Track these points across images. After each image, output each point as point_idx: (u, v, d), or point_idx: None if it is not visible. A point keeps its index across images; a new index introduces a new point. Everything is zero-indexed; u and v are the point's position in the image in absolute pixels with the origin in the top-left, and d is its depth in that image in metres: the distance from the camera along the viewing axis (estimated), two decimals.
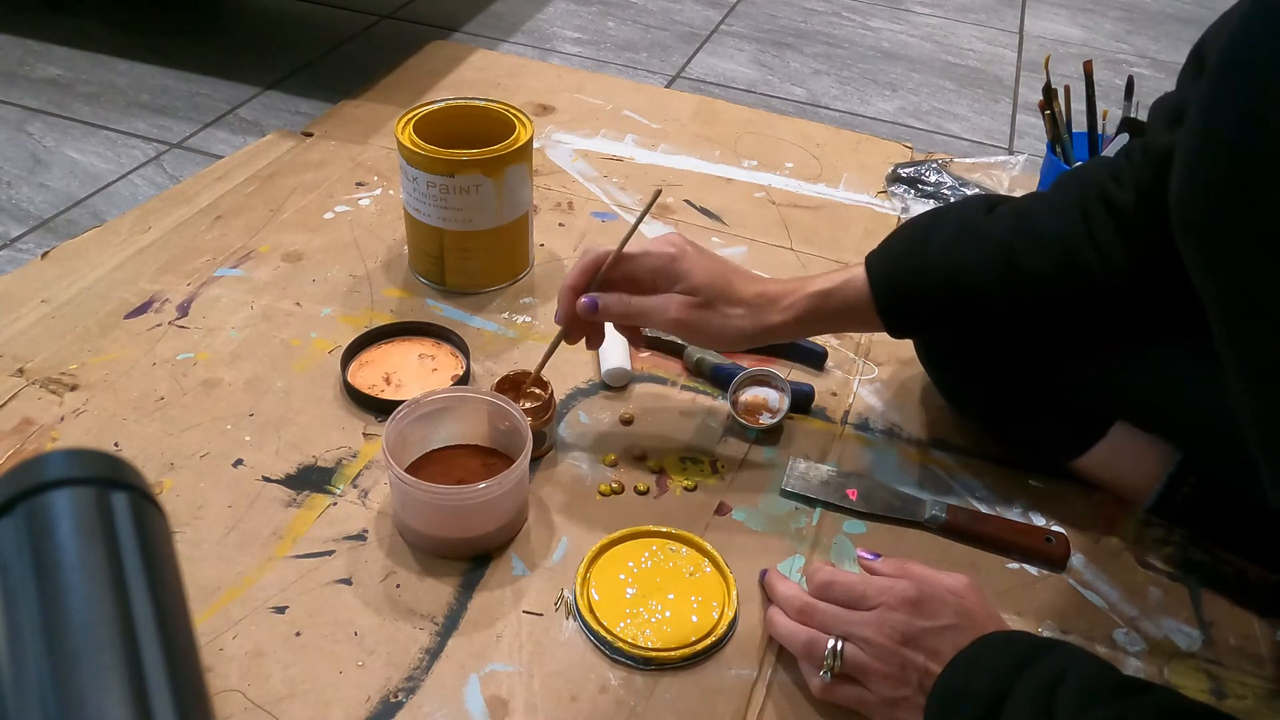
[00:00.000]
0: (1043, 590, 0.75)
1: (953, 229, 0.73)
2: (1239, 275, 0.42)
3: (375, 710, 0.63)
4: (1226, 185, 0.42)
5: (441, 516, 0.71)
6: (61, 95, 1.30)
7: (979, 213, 0.73)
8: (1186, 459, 0.76)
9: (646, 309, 0.74)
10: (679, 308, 0.73)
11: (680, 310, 0.73)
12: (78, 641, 0.27)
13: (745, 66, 1.53)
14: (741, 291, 0.74)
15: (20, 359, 0.86)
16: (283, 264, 1.00)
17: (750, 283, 0.75)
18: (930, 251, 0.72)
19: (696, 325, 0.74)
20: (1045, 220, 0.71)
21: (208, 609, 0.68)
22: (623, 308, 0.75)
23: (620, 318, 0.76)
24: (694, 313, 0.73)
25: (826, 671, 0.63)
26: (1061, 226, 0.70)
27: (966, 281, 0.71)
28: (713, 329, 0.74)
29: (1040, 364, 0.78)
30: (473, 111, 0.97)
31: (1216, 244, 0.43)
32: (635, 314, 0.75)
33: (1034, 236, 0.70)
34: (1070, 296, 0.71)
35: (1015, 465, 0.84)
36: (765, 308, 0.74)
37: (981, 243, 0.71)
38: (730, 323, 0.74)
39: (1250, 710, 0.68)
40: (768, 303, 0.75)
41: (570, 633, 0.69)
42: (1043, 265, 0.70)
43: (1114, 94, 1.05)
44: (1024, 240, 0.70)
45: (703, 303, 0.73)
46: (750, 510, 0.79)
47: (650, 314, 0.74)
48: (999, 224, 0.72)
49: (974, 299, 0.72)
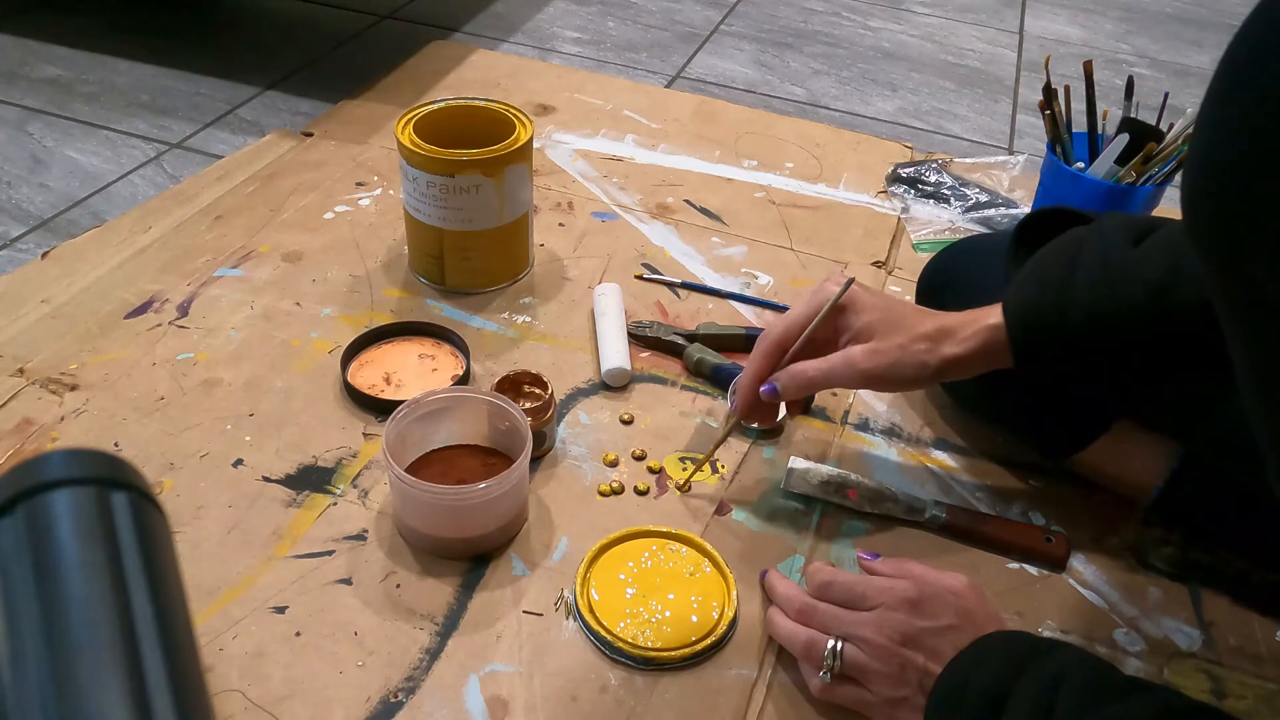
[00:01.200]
0: (1043, 590, 0.75)
1: (1097, 266, 0.67)
2: (1247, 274, 0.42)
3: (375, 710, 0.63)
4: (1235, 182, 0.42)
5: (441, 516, 0.71)
6: (61, 95, 1.30)
7: (1126, 245, 0.68)
8: (1189, 456, 0.76)
9: (829, 370, 0.70)
10: (864, 357, 0.69)
11: (865, 359, 0.69)
12: (78, 641, 0.27)
13: (745, 66, 1.53)
14: (917, 325, 0.70)
15: (20, 359, 0.86)
16: (283, 264, 1.00)
17: (925, 317, 0.71)
18: (1074, 291, 0.67)
19: (884, 373, 0.69)
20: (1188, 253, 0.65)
21: (208, 609, 0.68)
22: (802, 381, 0.71)
23: (801, 390, 0.72)
24: (876, 360, 0.69)
25: (826, 672, 0.63)
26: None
27: (1114, 328, 0.66)
28: (900, 373, 0.69)
29: None
30: (473, 111, 0.97)
31: (1225, 243, 0.43)
32: (819, 380, 0.71)
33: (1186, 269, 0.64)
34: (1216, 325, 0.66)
35: (1015, 465, 0.84)
36: (943, 340, 0.70)
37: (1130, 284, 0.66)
38: (913, 358, 0.69)
39: (1250, 710, 0.68)
40: (946, 335, 0.70)
41: (570, 633, 0.69)
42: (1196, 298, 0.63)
43: (1114, 94, 1.05)
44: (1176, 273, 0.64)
45: (881, 346, 0.69)
46: (750, 510, 0.79)
47: (835, 374, 0.70)
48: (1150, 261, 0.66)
49: (1122, 344, 0.66)
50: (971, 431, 0.87)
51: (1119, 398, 0.78)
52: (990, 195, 1.21)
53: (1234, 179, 0.42)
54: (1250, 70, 0.41)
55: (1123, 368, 0.68)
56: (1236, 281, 0.44)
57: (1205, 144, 0.43)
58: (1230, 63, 0.42)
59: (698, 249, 1.07)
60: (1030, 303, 0.69)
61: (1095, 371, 0.69)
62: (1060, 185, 1.00)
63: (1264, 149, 0.40)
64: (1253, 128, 0.40)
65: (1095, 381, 0.74)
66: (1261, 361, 0.44)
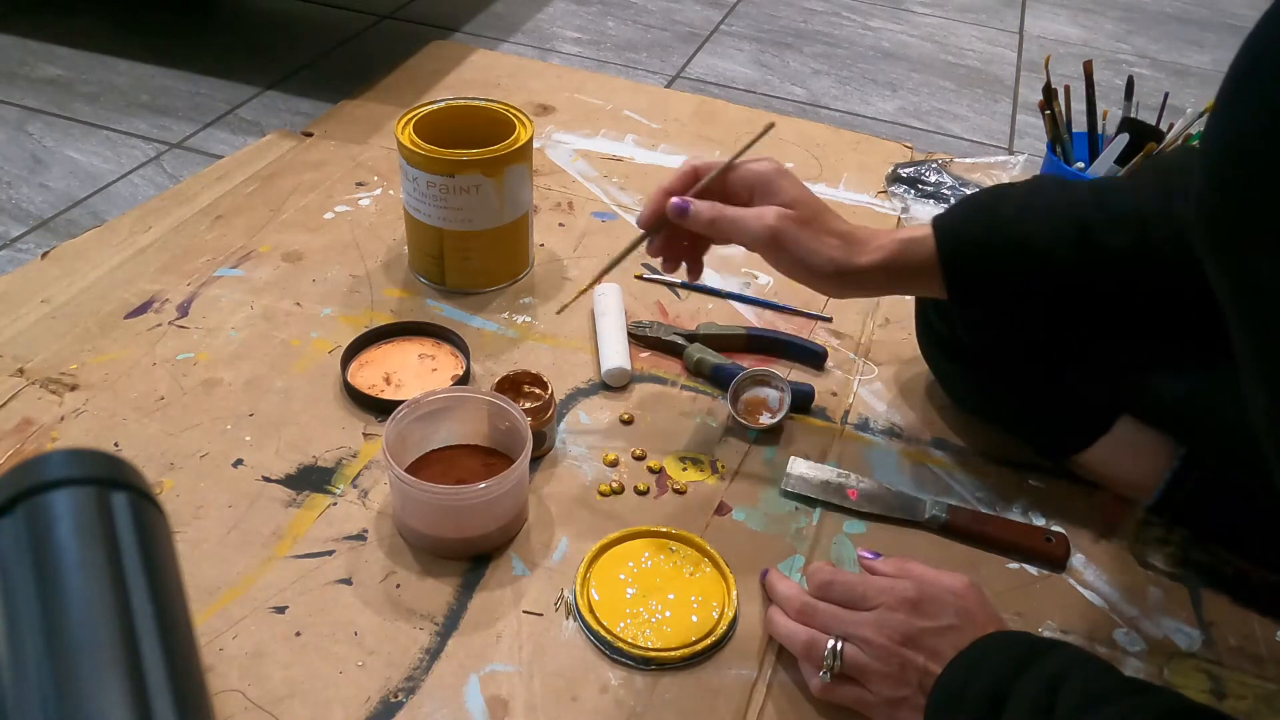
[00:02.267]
0: (1043, 590, 0.75)
1: (1024, 196, 0.70)
2: (1257, 275, 0.42)
3: (375, 710, 0.63)
4: (1246, 183, 0.42)
5: (441, 516, 0.71)
6: (61, 95, 1.30)
7: (1054, 185, 0.71)
8: (1190, 456, 0.76)
9: (740, 216, 0.70)
10: (776, 216, 0.69)
11: (778, 219, 0.69)
12: (78, 641, 0.27)
13: (745, 66, 1.53)
14: (836, 223, 0.71)
15: (20, 359, 0.86)
16: (283, 264, 1.00)
17: (842, 220, 0.72)
18: (1000, 215, 0.70)
19: (792, 241, 0.69)
20: (1124, 195, 0.68)
21: (208, 609, 0.68)
22: (714, 213, 0.70)
23: (710, 224, 0.71)
24: (791, 226, 0.69)
25: (826, 672, 0.63)
26: (1140, 202, 0.67)
27: (1036, 247, 0.68)
28: (806, 249, 0.69)
29: (1044, 357, 0.78)
30: (473, 111, 0.97)
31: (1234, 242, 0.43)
32: (727, 220, 0.70)
33: (1110, 209, 0.67)
34: (1141, 273, 0.67)
35: (1015, 465, 0.84)
36: (857, 245, 0.70)
37: (1054, 211, 0.68)
38: (824, 249, 0.69)
39: (1250, 710, 0.68)
40: (860, 242, 0.71)
41: (570, 633, 0.69)
42: (1117, 239, 0.66)
43: (1114, 94, 1.05)
44: (1099, 212, 0.67)
45: (800, 218, 0.69)
46: (750, 510, 0.79)
47: (744, 220, 0.70)
48: (1074, 195, 0.69)
49: (1043, 267, 0.68)
50: (971, 431, 0.87)
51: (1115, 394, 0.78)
52: None
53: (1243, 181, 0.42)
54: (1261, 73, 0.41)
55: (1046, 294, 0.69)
56: (1244, 282, 0.43)
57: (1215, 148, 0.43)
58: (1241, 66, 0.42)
59: None
60: (959, 219, 0.70)
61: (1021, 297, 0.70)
62: None
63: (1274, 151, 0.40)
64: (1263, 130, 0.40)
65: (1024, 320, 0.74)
66: (1268, 362, 0.44)
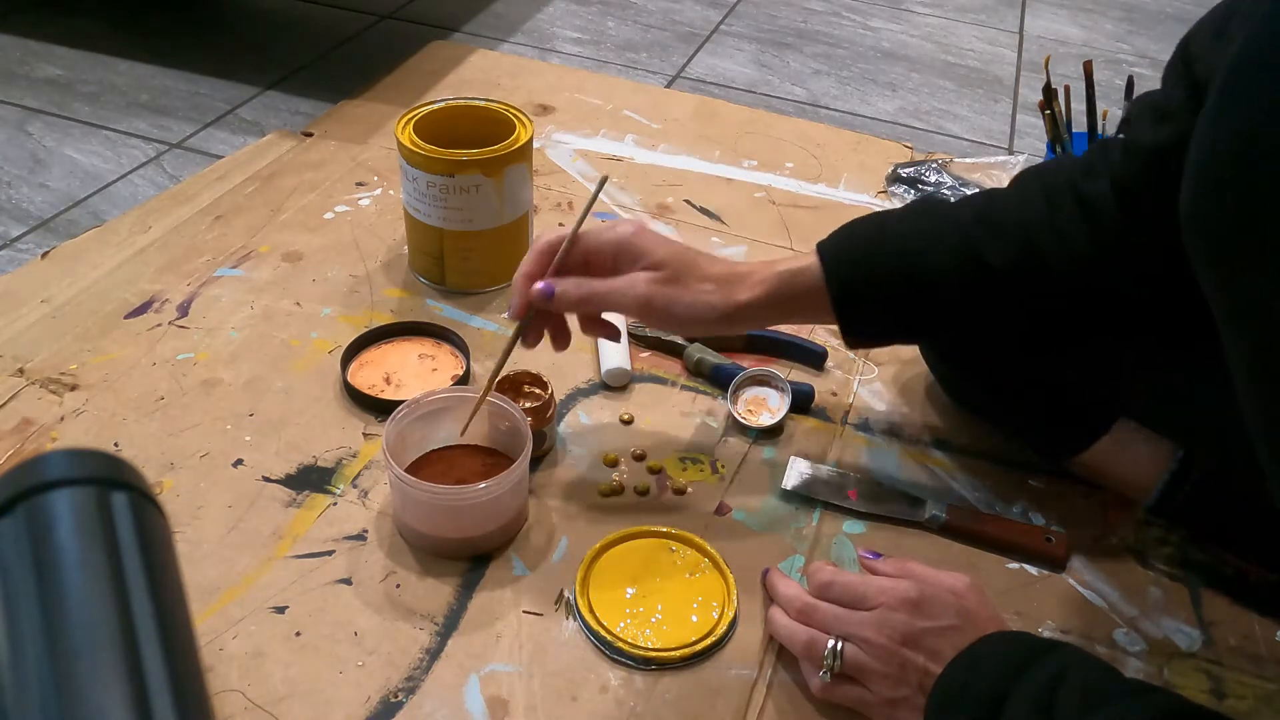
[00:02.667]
0: (1043, 590, 0.75)
1: (912, 214, 0.71)
2: (1247, 281, 0.42)
3: (375, 710, 0.63)
4: (1236, 190, 0.42)
5: (441, 516, 0.71)
6: (61, 95, 1.30)
7: (940, 202, 0.72)
8: (1189, 457, 0.76)
9: (611, 289, 0.68)
10: (646, 283, 0.68)
11: (648, 286, 0.68)
12: (78, 641, 0.27)
13: (745, 66, 1.53)
14: (708, 268, 0.70)
15: (20, 359, 0.86)
16: (283, 264, 1.00)
17: (716, 261, 0.71)
18: (887, 233, 0.70)
19: (666, 303, 0.68)
20: (1008, 208, 0.69)
21: (208, 609, 0.68)
22: (583, 291, 0.69)
23: (580, 303, 0.69)
24: (662, 289, 0.68)
25: (826, 672, 0.63)
26: (1024, 214, 0.68)
27: (925, 265, 0.68)
28: (682, 305, 0.68)
29: (1044, 359, 0.78)
30: (473, 111, 0.97)
31: (1225, 249, 0.43)
32: (598, 296, 0.69)
33: (995, 223, 0.68)
34: (1030, 287, 0.68)
35: (1015, 465, 0.84)
36: (735, 284, 0.69)
37: (941, 227, 0.69)
38: (700, 298, 0.68)
39: (1250, 710, 0.68)
40: (737, 280, 0.70)
41: (570, 633, 0.69)
42: (1004, 250, 0.67)
43: (1114, 94, 1.05)
44: (985, 227, 0.68)
45: (669, 277, 0.68)
46: (750, 510, 0.79)
47: (614, 294, 0.68)
48: (960, 211, 0.70)
49: (932, 284, 0.68)
50: (971, 431, 0.87)
51: (1114, 394, 0.78)
52: None
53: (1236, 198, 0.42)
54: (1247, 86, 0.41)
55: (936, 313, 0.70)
56: (1237, 294, 0.44)
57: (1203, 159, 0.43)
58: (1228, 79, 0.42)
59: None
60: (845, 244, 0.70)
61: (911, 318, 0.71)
62: None
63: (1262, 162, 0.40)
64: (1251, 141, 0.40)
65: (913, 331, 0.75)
66: (1262, 373, 0.44)
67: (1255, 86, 0.41)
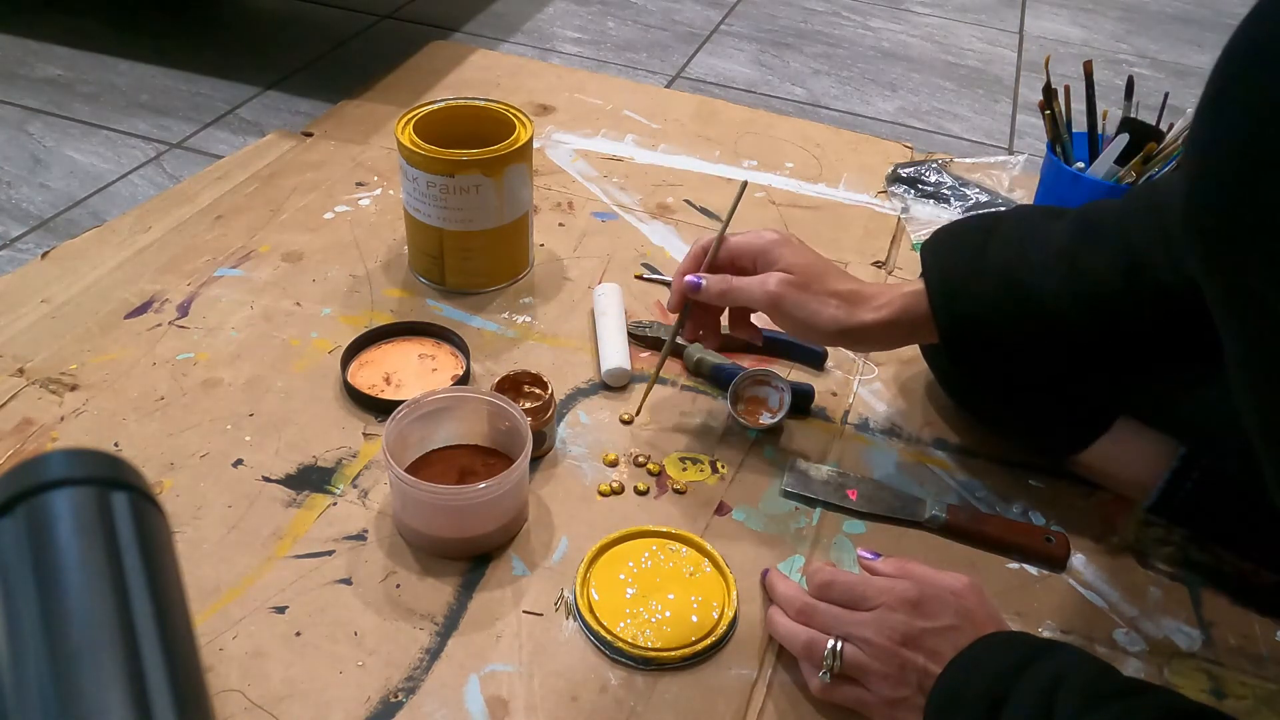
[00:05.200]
0: (1043, 590, 0.75)
1: (1012, 233, 0.71)
2: (1245, 279, 0.42)
3: (375, 710, 0.63)
4: (1233, 186, 0.41)
5: (441, 516, 0.71)
6: (61, 95, 1.30)
7: (1041, 217, 0.71)
8: (1189, 456, 0.76)
9: (747, 285, 0.75)
10: (777, 282, 0.73)
11: (779, 285, 0.73)
12: (78, 641, 0.27)
13: (745, 66, 1.53)
14: (837, 283, 0.74)
15: (20, 359, 0.86)
16: (283, 264, 1.00)
17: (847, 279, 0.75)
18: (988, 256, 0.70)
19: (793, 304, 0.73)
20: (1113, 223, 0.68)
21: (208, 609, 0.68)
22: (724, 285, 0.76)
23: (721, 295, 0.76)
24: (791, 290, 0.73)
25: (826, 672, 0.63)
26: (1130, 229, 0.67)
27: (1026, 284, 0.68)
28: (807, 311, 0.73)
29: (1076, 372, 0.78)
30: (473, 111, 0.97)
31: (1222, 246, 0.43)
32: (736, 290, 0.75)
33: (1099, 238, 0.67)
34: (1139, 306, 0.66)
35: (1015, 465, 0.84)
36: (860, 304, 0.73)
37: (1042, 245, 0.69)
38: (825, 309, 0.73)
39: (1250, 710, 0.68)
40: (863, 299, 0.73)
41: (570, 633, 0.69)
42: (1107, 266, 0.66)
43: (1114, 94, 1.05)
44: (1088, 243, 0.67)
45: (800, 282, 0.73)
46: (750, 510, 0.79)
47: (750, 289, 0.74)
48: (1061, 226, 0.69)
49: (1036, 306, 0.68)
50: (971, 431, 0.87)
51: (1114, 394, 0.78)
52: (990, 195, 1.21)
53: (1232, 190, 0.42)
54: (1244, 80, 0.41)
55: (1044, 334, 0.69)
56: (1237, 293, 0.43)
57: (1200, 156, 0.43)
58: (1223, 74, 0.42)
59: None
60: (948, 265, 0.72)
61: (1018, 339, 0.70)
62: (1060, 185, 1.00)
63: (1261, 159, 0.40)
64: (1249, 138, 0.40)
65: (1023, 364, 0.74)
66: (1261, 373, 0.44)
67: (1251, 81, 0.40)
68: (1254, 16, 0.40)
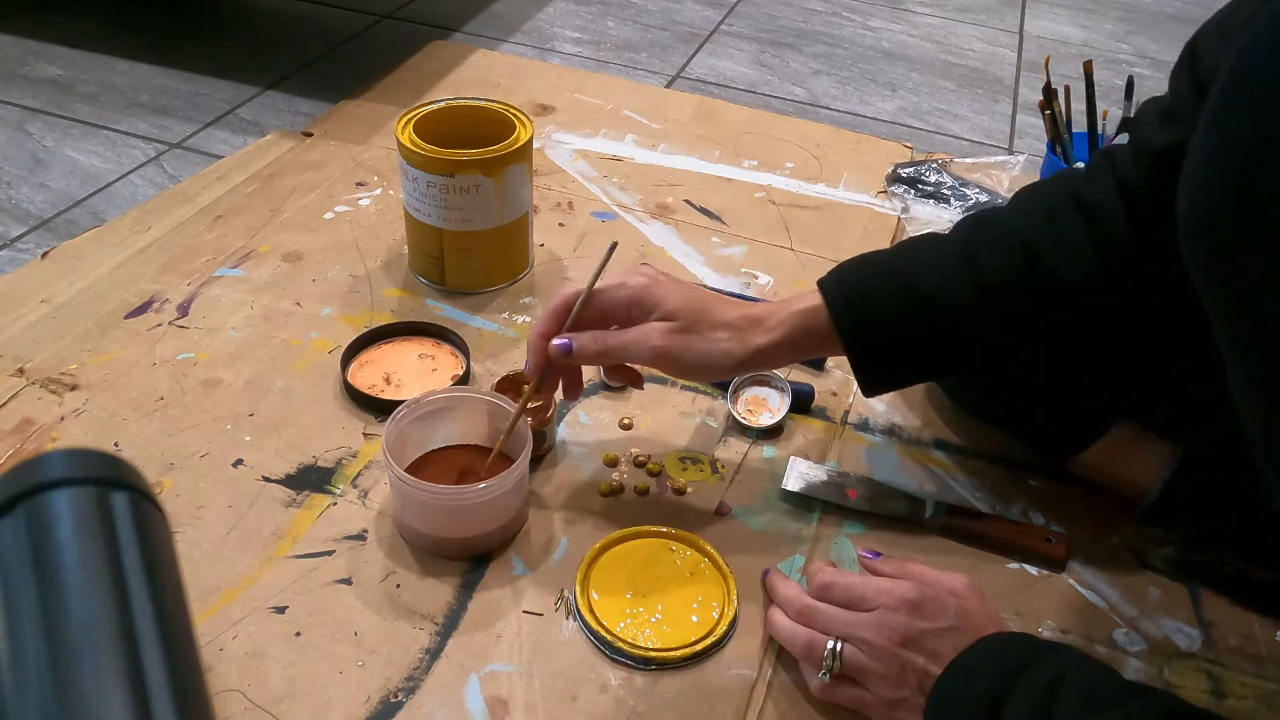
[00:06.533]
0: (1043, 590, 0.75)
1: (907, 244, 0.71)
2: (1245, 287, 0.42)
3: (375, 710, 0.63)
4: (1235, 197, 0.41)
5: (441, 516, 0.71)
6: (61, 95, 1.30)
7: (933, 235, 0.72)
8: (1189, 457, 0.76)
9: (625, 342, 0.69)
10: (660, 335, 0.68)
11: (663, 337, 0.67)
12: (78, 641, 0.27)
13: (745, 66, 1.53)
14: (722, 314, 0.69)
15: (20, 359, 0.86)
16: (283, 264, 1.00)
17: (729, 305, 0.70)
18: (883, 259, 0.70)
19: (681, 352, 0.68)
20: (1006, 221, 0.68)
21: (208, 609, 0.68)
22: (599, 345, 0.69)
23: (598, 356, 0.70)
24: (677, 339, 0.68)
25: (826, 672, 0.63)
26: (1022, 226, 0.67)
27: (925, 285, 0.67)
28: (697, 354, 0.68)
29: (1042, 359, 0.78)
30: (473, 111, 0.97)
31: (1223, 255, 0.43)
32: (615, 349, 0.69)
33: (993, 238, 0.67)
34: (1038, 302, 0.67)
35: (1015, 465, 0.84)
36: (750, 330, 0.69)
37: (938, 246, 0.69)
38: (715, 347, 0.68)
39: (1250, 710, 0.68)
40: (752, 324, 0.69)
41: (570, 633, 0.69)
42: (1003, 264, 0.66)
43: (1114, 94, 1.05)
44: (982, 242, 0.67)
45: (684, 327, 0.68)
46: (750, 510, 0.79)
47: (630, 346, 0.69)
48: (956, 230, 0.70)
49: (936, 305, 0.67)
50: (971, 431, 0.87)
51: (1114, 397, 0.78)
52: (990, 195, 1.21)
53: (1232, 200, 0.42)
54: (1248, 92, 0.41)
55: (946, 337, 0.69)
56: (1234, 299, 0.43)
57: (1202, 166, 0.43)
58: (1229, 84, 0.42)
59: (698, 249, 1.07)
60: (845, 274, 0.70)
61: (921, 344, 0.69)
62: None
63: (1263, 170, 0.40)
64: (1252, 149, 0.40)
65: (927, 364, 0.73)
66: (1262, 384, 0.44)
67: (1256, 93, 0.40)
68: (1260, 30, 0.40)
